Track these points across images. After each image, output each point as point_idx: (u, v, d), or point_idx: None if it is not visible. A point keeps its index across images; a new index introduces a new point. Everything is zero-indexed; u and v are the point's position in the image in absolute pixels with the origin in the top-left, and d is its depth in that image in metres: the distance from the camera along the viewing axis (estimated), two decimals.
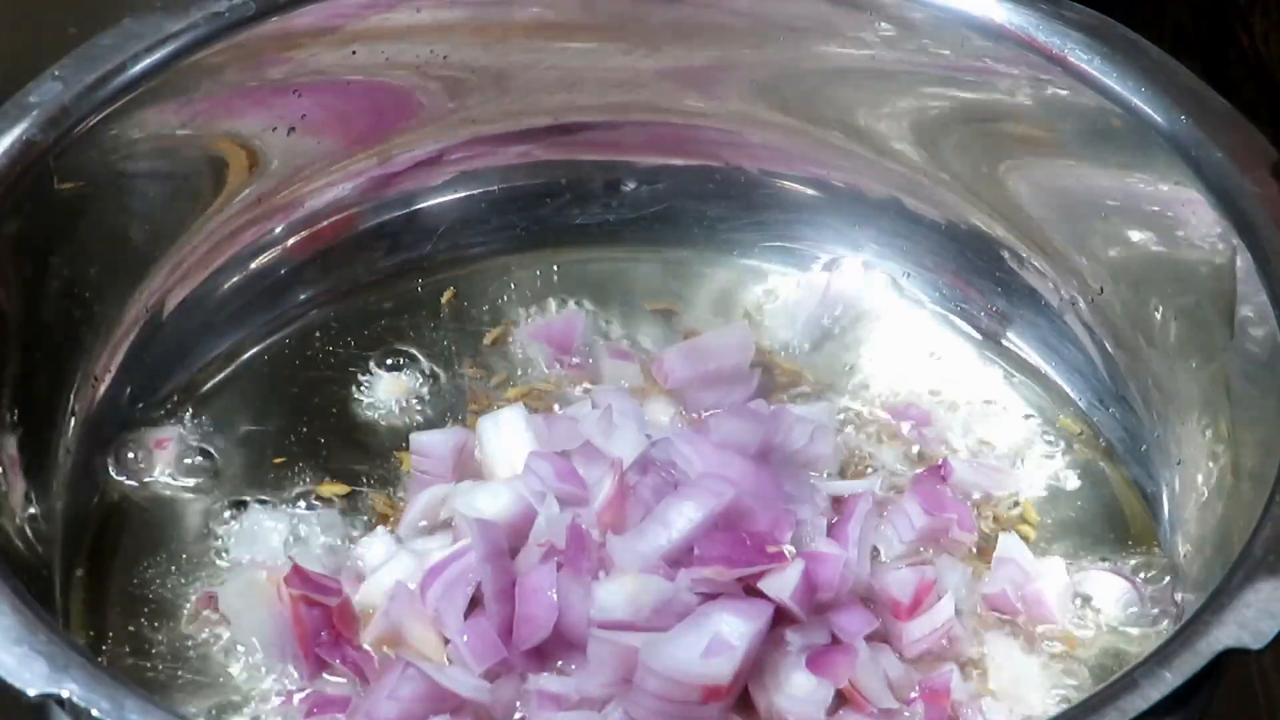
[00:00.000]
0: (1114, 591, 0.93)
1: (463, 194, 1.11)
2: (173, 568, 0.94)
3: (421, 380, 1.03)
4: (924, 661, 0.90)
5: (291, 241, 1.07)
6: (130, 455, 0.98)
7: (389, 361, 1.04)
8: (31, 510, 0.89)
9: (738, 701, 0.85)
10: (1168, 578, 0.94)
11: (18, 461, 0.89)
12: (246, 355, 1.04)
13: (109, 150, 0.95)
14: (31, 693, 0.73)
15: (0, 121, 0.91)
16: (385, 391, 1.02)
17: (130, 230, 0.98)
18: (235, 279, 1.05)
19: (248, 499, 0.97)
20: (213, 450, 0.99)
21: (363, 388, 1.02)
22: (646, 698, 0.82)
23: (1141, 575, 0.95)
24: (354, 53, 1.02)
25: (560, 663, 0.86)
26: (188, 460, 0.98)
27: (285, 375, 1.04)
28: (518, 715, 0.85)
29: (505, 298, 1.08)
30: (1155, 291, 0.97)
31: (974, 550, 0.95)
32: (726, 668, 0.82)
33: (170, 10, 0.96)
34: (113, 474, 0.97)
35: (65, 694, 0.73)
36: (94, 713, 0.72)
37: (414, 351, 1.04)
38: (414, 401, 1.02)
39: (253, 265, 1.06)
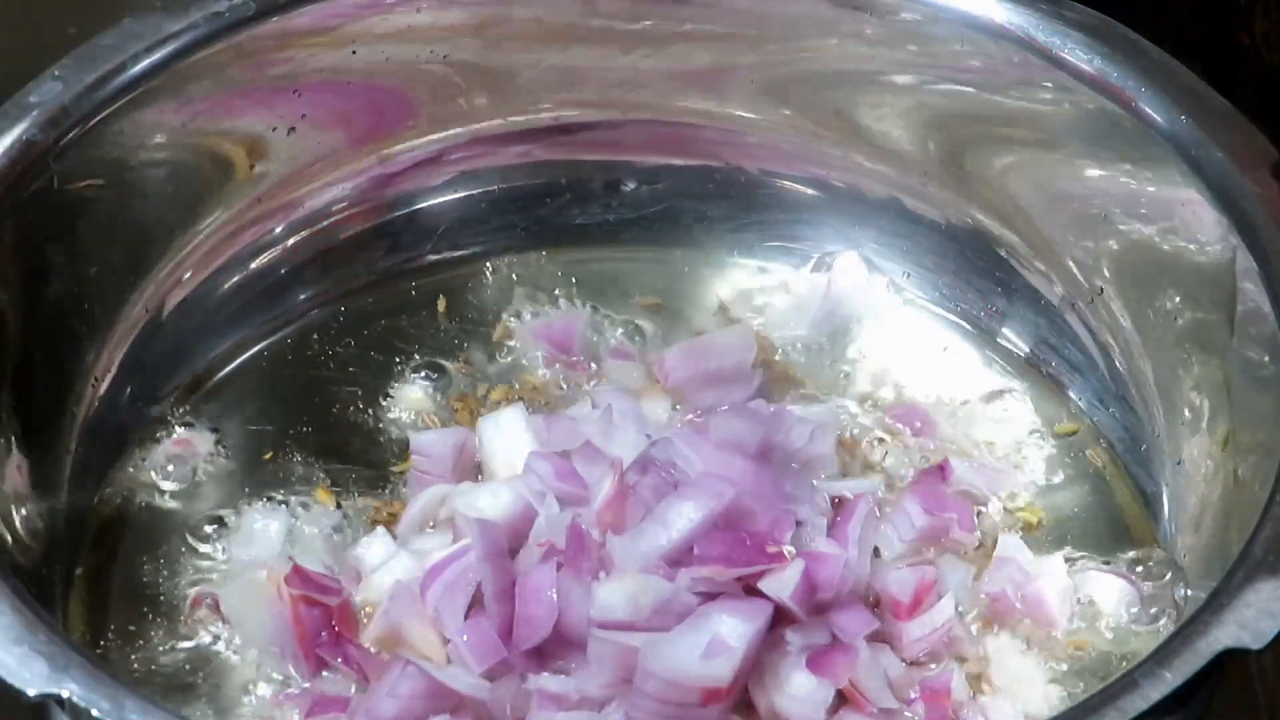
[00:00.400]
0: (1114, 591, 0.93)
1: (463, 194, 1.10)
2: (172, 568, 0.94)
3: (421, 380, 1.03)
4: (924, 661, 0.90)
5: (291, 241, 1.07)
6: (130, 455, 0.98)
7: (389, 361, 1.03)
8: (32, 510, 0.89)
9: (738, 701, 0.85)
10: (1168, 577, 0.94)
11: (18, 461, 0.89)
12: (246, 355, 1.04)
13: (109, 150, 0.95)
14: (31, 693, 0.73)
15: (0, 121, 0.91)
16: (385, 391, 1.02)
17: (130, 230, 0.98)
18: (235, 279, 1.05)
19: (248, 499, 0.97)
20: (213, 450, 0.99)
21: (363, 387, 1.02)
22: (646, 699, 0.82)
23: (1141, 575, 0.95)
24: (354, 53, 1.02)
25: (560, 663, 0.86)
26: (187, 460, 0.98)
27: (285, 375, 1.04)
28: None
29: (505, 298, 1.07)
30: (1155, 291, 0.97)
31: (974, 550, 0.95)
32: (726, 669, 0.82)
33: (170, 10, 0.97)
34: (113, 474, 0.97)
35: (65, 694, 0.73)
36: (94, 713, 0.72)
37: (414, 351, 1.04)
38: (413, 401, 1.02)
39: (253, 265, 1.06)
